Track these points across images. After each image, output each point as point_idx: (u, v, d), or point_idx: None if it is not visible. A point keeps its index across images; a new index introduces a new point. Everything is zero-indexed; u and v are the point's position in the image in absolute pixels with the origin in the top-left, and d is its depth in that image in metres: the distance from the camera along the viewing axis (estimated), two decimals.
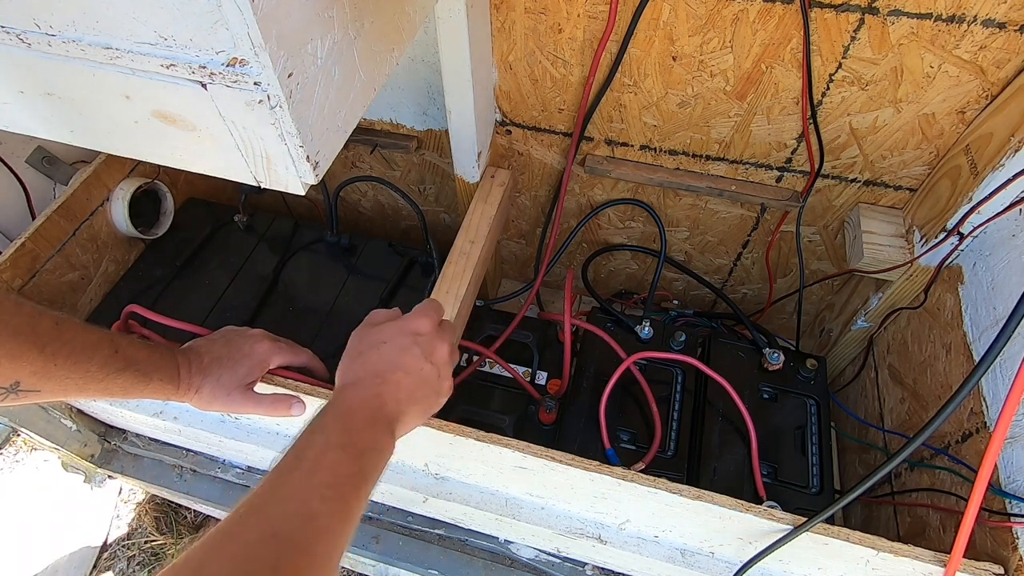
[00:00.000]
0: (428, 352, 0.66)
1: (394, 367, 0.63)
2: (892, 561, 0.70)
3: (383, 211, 1.46)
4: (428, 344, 0.67)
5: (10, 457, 1.89)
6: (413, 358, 0.65)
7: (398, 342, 0.66)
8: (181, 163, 0.57)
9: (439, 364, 0.67)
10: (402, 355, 0.65)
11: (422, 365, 0.65)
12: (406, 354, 0.65)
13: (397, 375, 0.63)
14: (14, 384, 0.60)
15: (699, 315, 1.22)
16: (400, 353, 0.65)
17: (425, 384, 0.65)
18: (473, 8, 0.83)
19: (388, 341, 0.66)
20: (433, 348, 0.67)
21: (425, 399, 0.65)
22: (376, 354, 0.65)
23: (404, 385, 0.63)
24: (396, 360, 0.64)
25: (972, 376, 0.54)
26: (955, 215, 0.87)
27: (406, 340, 0.66)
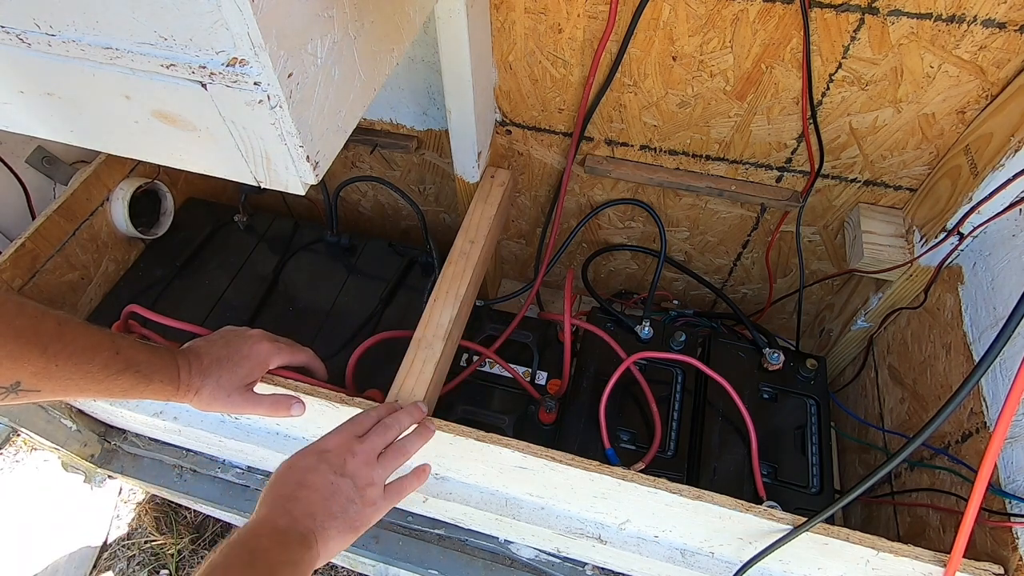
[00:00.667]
0: (338, 467, 0.67)
1: (300, 486, 0.64)
2: (892, 561, 0.70)
3: (383, 211, 1.46)
4: (336, 459, 0.67)
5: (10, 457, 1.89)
6: (319, 475, 0.65)
7: (303, 463, 0.67)
8: (181, 163, 0.57)
9: (352, 476, 0.67)
10: (307, 474, 0.65)
11: (331, 479, 0.66)
12: (311, 473, 0.66)
13: (304, 492, 0.64)
14: (14, 384, 0.60)
15: (699, 315, 1.22)
16: (305, 473, 0.66)
17: (338, 496, 0.65)
18: (473, 8, 0.83)
19: (293, 465, 0.67)
20: (343, 462, 0.67)
21: (344, 513, 0.65)
22: (284, 479, 0.66)
23: (314, 501, 0.64)
24: (301, 479, 0.65)
25: (972, 376, 0.54)
26: (955, 215, 0.87)
27: (311, 460, 0.67)
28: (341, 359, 0.97)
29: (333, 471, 0.66)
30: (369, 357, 0.93)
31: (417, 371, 0.84)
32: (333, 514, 0.64)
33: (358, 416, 0.74)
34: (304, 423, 0.90)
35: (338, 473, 0.66)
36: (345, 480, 0.66)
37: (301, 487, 0.64)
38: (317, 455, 0.67)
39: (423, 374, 0.84)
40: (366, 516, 0.67)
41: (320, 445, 0.69)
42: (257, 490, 1.11)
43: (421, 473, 0.77)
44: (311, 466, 0.66)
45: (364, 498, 0.67)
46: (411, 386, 0.83)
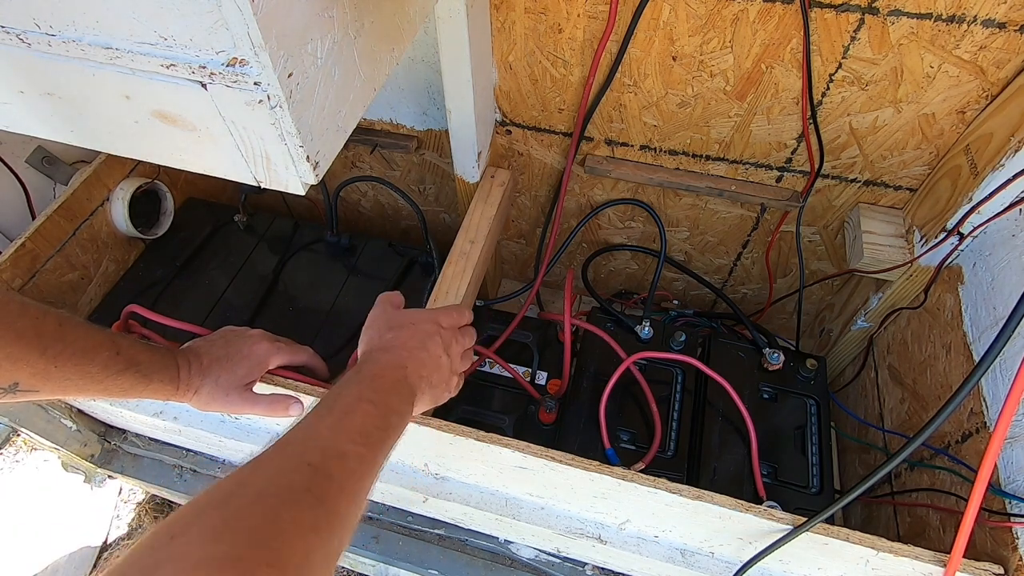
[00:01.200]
0: (448, 344, 0.72)
1: (420, 346, 0.69)
2: (892, 561, 0.70)
3: (383, 211, 1.46)
4: (449, 337, 0.73)
5: (10, 457, 1.89)
6: (435, 345, 0.70)
7: (424, 328, 0.71)
8: (181, 163, 0.57)
9: (454, 359, 0.73)
10: (427, 339, 0.70)
11: (441, 353, 0.71)
12: (430, 339, 0.70)
13: (421, 354, 0.69)
14: (13, 385, 0.60)
15: (699, 315, 1.22)
16: (425, 337, 0.70)
17: (440, 371, 0.70)
18: (473, 8, 0.83)
19: (416, 324, 0.71)
20: (452, 343, 0.73)
21: (438, 386, 0.70)
22: (404, 332, 0.70)
23: (425, 365, 0.68)
24: (421, 341, 0.70)
25: (972, 376, 0.54)
26: (955, 215, 0.87)
27: (431, 327, 0.72)
28: (341, 359, 0.97)
29: (445, 349, 0.71)
30: None
31: None
32: (433, 384, 0.69)
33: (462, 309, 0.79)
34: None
35: (447, 352, 0.72)
36: (448, 361, 0.72)
37: (422, 348, 0.69)
38: (435, 326, 0.72)
39: None
40: (445, 398, 0.73)
41: (437, 317, 0.74)
42: None
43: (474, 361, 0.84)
44: (430, 333, 0.71)
45: (451, 382, 0.73)
46: None
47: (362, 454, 0.53)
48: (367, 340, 0.71)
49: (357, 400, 0.58)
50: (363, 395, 0.59)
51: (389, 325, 0.71)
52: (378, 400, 0.60)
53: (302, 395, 0.81)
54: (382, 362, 0.66)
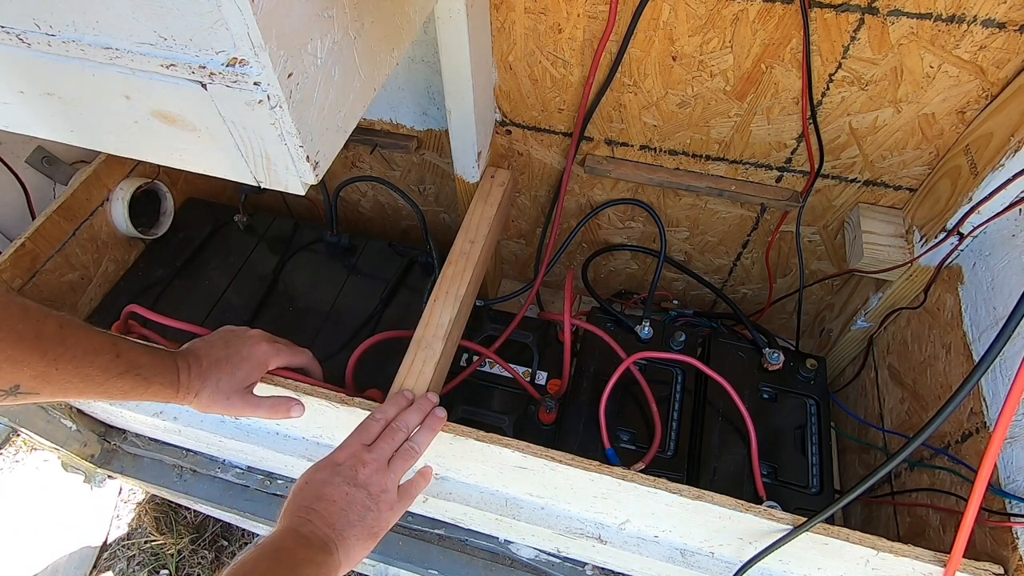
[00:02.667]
0: (351, 478, 0.69)
1: (317, 498, 0.66)
2: (892, 561, 0.70)
3: (383, 211, 1.46)
4: (349, 471, 0.69)
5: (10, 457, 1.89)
6: (334, 487, 0.67)
7: (318, 478, 0.68)
8: (181, 163, 0.57)
9: (366, 485, 0.69)
10: (323, 488, 0.67)
11: (346, 490, 0.67)
12: (326, 486, 0.67)
13: (321, 504, 0.66)
14: (13, 387, 0.60)
15: (699, 315, 1.22)
16: (321, 487, 0.67)
17: (354, 505, 0.67)
18: (473, 8, 0.83)
19: (310, 479, 0.69)
20: (355, 473, 0.69)
21: (361, 521, 0.67)
22: (301, 494, 0.67)
23: (332, 512, 0.66)
24: (318, 492, 0.67)
25: (972, 376, 0.54)
26: (955, 215, 0.87)
27: (325, 474, 0.69)
28: (341, 359, 0.97)
29: (347, 482, 0.68)
30: (369, 357, 0.93)
31: (417, 371, 0.84)
32: (351, 522, 0.66)
33: (365, 423, 0.75)
34: (304, 423, 0.90)
35: (352, 484, 0.68)
36: (359, 490, 0.68)
37: (319, 500, 0.66)
38: (331, 468, 0.69)
39: (423, 374, 0.84)
40: (383, 521, 0.69)
41: (332, 459, 0.71)
42: (257, 490, 1.11)
43: (427, 473, 0.79)
44: (325, 479, 0.68)
45: (379, 504, 0.69)
46: (411, 386, 0.83)
47: None
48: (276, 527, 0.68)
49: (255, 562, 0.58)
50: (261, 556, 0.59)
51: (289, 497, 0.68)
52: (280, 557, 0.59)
53: (303, 396, 0.81)
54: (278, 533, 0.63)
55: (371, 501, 0.68)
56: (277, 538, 0.62)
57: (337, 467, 0.69)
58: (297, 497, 0.67)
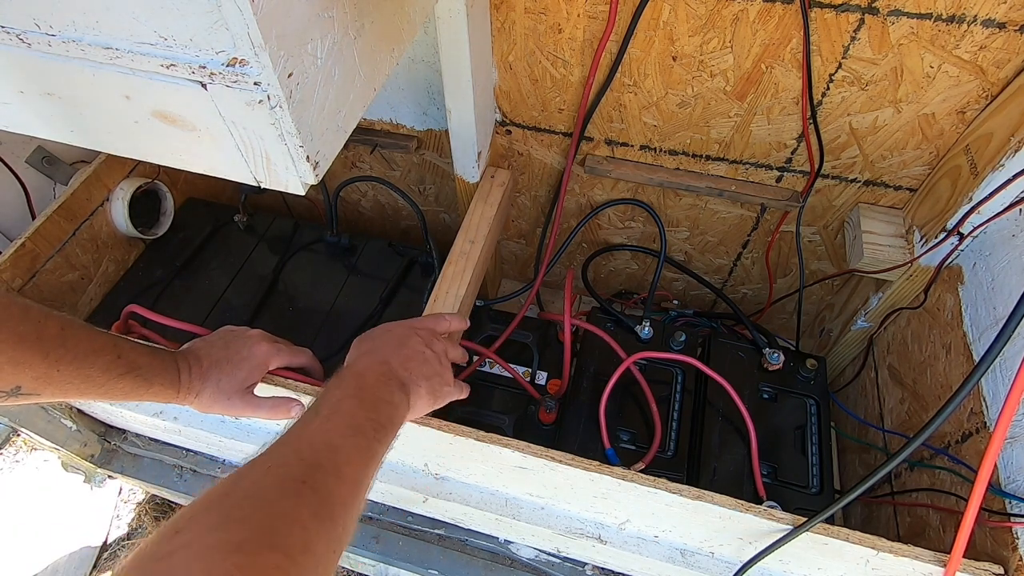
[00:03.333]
0: (428, 341, 0.73)
1: (399, 345, 0.70)
2: (892, 561, 0.70)
3: (383, 211, 1.46)
4: (427, 335, 0.74)
5: (10, 457, 1.89)
6: (414, 342, 0.72)
7: (398, 331, 0.73)
8: (181, 163, 0.57)
9: (439, 352, 0.73)
10: (404, 339, 0.72)
11: (423, 348, 0.72)
12: (407, 338, 0.72)
13: (402, 351, 0.70)
14: (15, 388, 0.60)
15: (699, 315, 1.22)
16: (402, 338, 0.72)
17: (428, 363, 0.71)
18: (473, 8, 0.83)
19: (391, 331, 0.73)
20: (432, 340, 0.74)
21: (431, 378, 0.71)
22: (379, 339, 0.72)
23: (411, 359, 0.70)
24: (399, 340, 0.71)
25: (972, 376, 0.54)
26: (955, 215, 0.87)
27: (405, 330, 0.74)
28: (341, 359, 0.97)
29: (424, 344, 0.72)
30: None
31: None
32: (426, 375, 0.70)
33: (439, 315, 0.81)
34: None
35: (428, 346, 0.73)
36: (433, 354, 0.72)
37: (401, 346, 0.70)
38: (409, 328, 0.74)
39: None
40: (446, 392, 0.73)
41: (410, 322, 0.75)
42: None
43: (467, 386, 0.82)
44: (406, 334, 0.72)
45: (445, 374, 0.73)
46: None
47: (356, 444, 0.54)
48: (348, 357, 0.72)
49: (340, 399, 0.59)
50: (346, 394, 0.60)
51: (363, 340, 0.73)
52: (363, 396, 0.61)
53: (303, 396, 0.81)
54: (362, 363, 0.67)
55: (441, 368, 0.72)
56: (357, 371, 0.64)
57: (415, 329, 0.73)
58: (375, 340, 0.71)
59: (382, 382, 0.64)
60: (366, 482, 0.54)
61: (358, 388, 0.62)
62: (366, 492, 0.54)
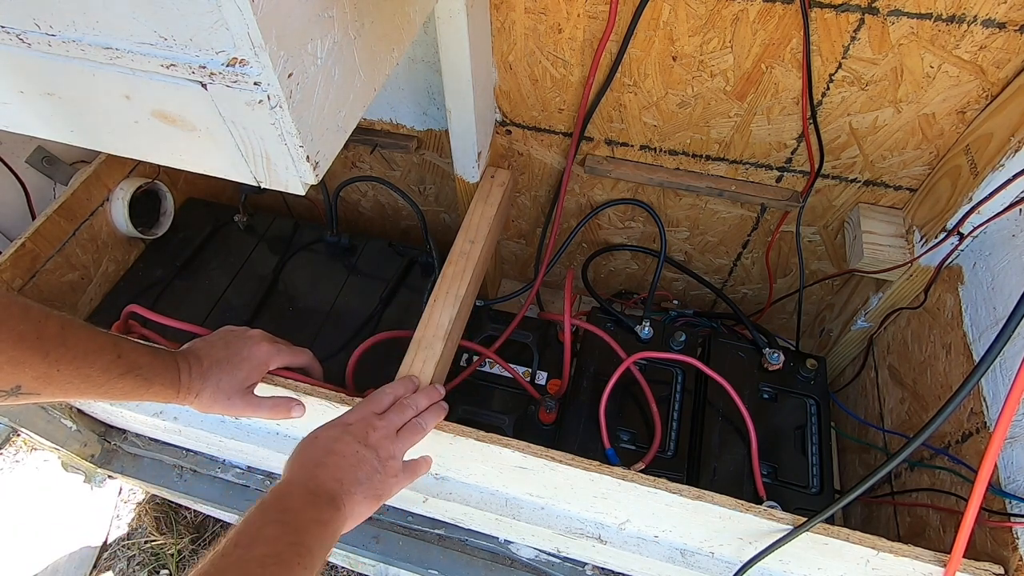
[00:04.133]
0: (361, 438, 0.69)
1: (327, 453, 0.67)
2: (892, 561, 0.70)
3: (383, 211, 1.46)
4: (360, 431, 0.70)
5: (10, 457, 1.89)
6: (344, 444, 0.68)
7: (329, 434, 0.69)
8: (181, 163, 0.57)
9: (375, 447, 0.70)
10: (333, 443, 0.68)
11: (356, 449, 0.68)
12: (337, 442, 0.68)
13: (331, 459, 0.66)
14: (15, 388, 0.60)
15: (699, 315, 1.22)
16: (331, 442, 0.68)
17: (363, 464, 0.68)
18: (473, 8, 0.83)
19: (319, 436, 0.69)
20: (366, 434, 0.70)
21: (369, 480, 0.67)
22: (307, 449, 0.68)
23: (341, 466, 0.66)
24: (328, 447, 0.67)
25: (972, 376, 0.54)
26: (955, 215, 0.87)
27: (335, 432, 0.69)
28: (341, 359, 0.98)
29: (357, 441, 0.69)
30: (369, 357, 0.93)
31: (417, 371, 0.84)
32: (359, 480, 0.66)
33: (377, 393, 0.76)
34: (304, 423, 0.90)
35: (362, 444, 0.69)
36: (369, 451, 0.69)
37: (329, 454, 0.66)
38: (341, 427, 0.70)
39: (423, 374, 0.84)
40: (389, 485, 0.70)
41: (342, 419, 0.72)
42: (258, 490, 1.11)
43: (428, 460, 0.79)
44: (336, 436, 0.69)
45: (386, 468, 0.70)
46: None
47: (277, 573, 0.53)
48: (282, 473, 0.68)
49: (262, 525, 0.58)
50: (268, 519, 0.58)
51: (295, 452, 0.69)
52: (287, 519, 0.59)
53: (303, 396, 0.81)
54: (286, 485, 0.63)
55: (379, 464, 0.69)
56: (282, 495, 0.62)
57: (348, 427, 0.70)
58: (304, 452, 0.67)
59: (308, 501, 0.61)
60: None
61: (282, 511, 0.60)
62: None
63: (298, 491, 0.62)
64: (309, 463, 0.65)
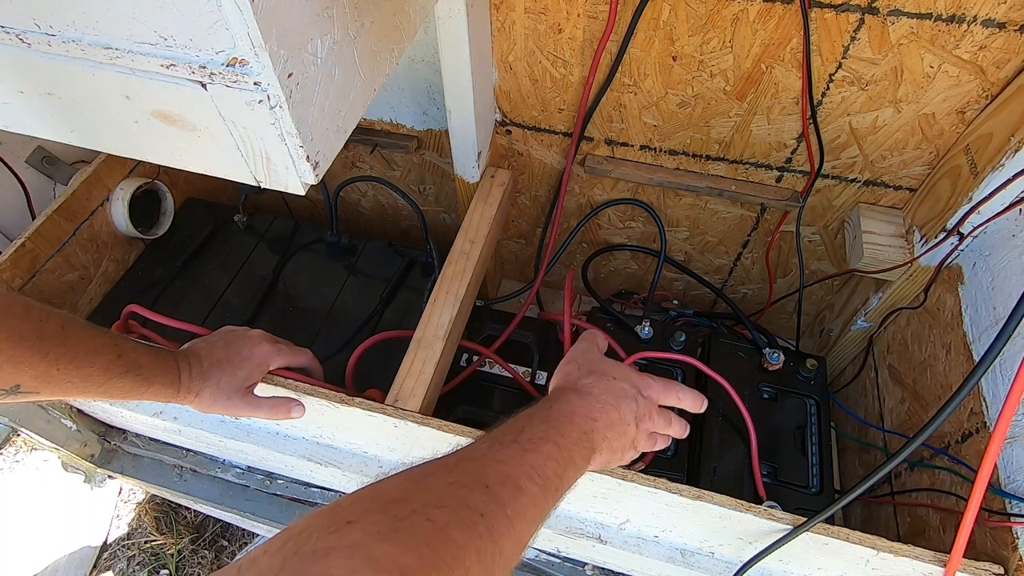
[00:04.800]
0: (642, 415, 0.68)
1: (614, 404, 0.65)
2: (892, 561, 0.70)
3: (383, 211, 1.46)
4: (645, 409, 0.68)
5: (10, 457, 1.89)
6: (629, 410, 0.66)
7: (623, 386, 0.67)
8: (181, 163, 0.57)
9: (641, 431, 0.68)
10: (622, 399, 0.66)
11: (631, 420, 0.66)
12: (625, 401, 0.66)
13: (612, 414, 0.65)
14: (14, 387, 0.60)
15: (699, 315, 1.22)
16: (621, 396, 0.66)
17: (623, 437, 0.66)
18: (473, 8, 0.83)
19: (618, 379, 0.67)
20: (648, 415, 0.68)
21: (616, 450, 0.66)
22: (603, 382, 0.66)
23: (613, 426, 0.65)
24: (618, 401, 0.66)
25: (972, 376, 0.54)
26: (955, 215, 0.87)
27: (631, 389, 0.67)
28: (341, 359, 0.97)
29: (636, 418, 0.67)
30: (369, 357, 0.93)
31: (417, 371, 0.84)
32: (613, 448, 0.65)
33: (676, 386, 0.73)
34: (304, 423, 0.90)
35: (638, 421, 0.67)
36: (635, 431, 0.67)
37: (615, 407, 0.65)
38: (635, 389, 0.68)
39: (423, 374, 0.84)
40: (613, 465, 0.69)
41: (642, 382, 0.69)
42: (257, 490, 1.11)
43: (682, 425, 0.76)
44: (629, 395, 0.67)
45: (626, 455, 0.68)
46: (411, 386, 0.83)
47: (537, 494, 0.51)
48: (564, 374, 0.69)
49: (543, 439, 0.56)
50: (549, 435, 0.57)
51: (591, 368, 0.68)
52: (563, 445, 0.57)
53: (303, 396, 0.81)
54: (574, 407, 0.62)
55: (631, 445, 0.67)
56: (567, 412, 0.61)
57: (639, 398, 0.67)
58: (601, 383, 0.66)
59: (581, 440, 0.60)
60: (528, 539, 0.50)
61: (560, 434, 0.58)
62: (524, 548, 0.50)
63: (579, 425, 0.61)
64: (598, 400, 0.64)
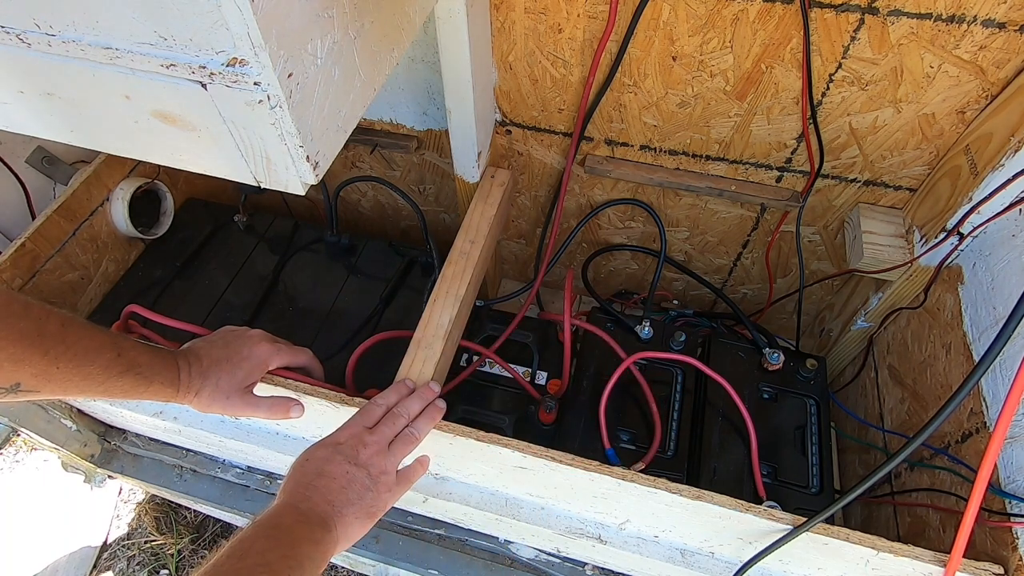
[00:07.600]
0: (352, 457, 0.69)
1: (318, 475, 0.67)
2: (892, 561, 0.70)
3: (383, 211, 1.46)
4: (351, 450, 0.70)
5: (10, 457, 1.89)
6: (335, 465, 0.68)
7: (319, 455, 0.69)
8: (181, 163, 0.57)
9: (366, 465, 0.70)
10: (324, 465, 0.68)
11: (346, 469, 0.68)
12: (328, 463, 0.68)
13: (321, 481, 0.66)
14: (14, 385, 0.60)
15: (699, 315, 1.22)
16: (322, 464, 0.68)
17: (354, 484, 0.68)
18: (473, 8, 0.83)
19: (311, 457, 0.69)
20: (356, 453, 0.70)
21: (360, 500, 0.68)
22: (302, 471, 0.68)
23: (332, 488, 0.66)
24: (319, 469, 0.68)
25: (972, 376, 0.54)
26: (955, 215, 0.87)
27: (326, 452, 0.69)
28: (341, 359, 0.98)
29: (348, 461, 0.69)
30: (369, 357, 0.93)
31: (417, 371, 0.84)
32: (350, 500, 0.67)
33: (367, 407, 0.76)
34: (304, 423, 0.90)
35: (353, 463, 0.69)
36: (360, 469, 0.69)
37: (319, 476, 0.67)
38: (332, 447, 0.70)
39: (423, 374, 0.84)
40: (382, 502, 0.70)
41: (333, 438, 0.72)
42: (257, 490, 1.11)
43: (425, 462, 0.79)
44: (327, 457, 0.69)
45: (378, 485, 0.70)
46: None
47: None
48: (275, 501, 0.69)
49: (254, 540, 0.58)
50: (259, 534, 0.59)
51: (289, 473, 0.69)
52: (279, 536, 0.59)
53: (303, 396, 0.81)
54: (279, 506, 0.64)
55: (370, 481, 0.69)
56: (275, 514, 0.62)
57: (338, 446, 0.70)
58: (296, 473, 0.68)
59: (300, 522, 0.62)
60: None
61: (274, 528, 0.60)
62: None
63: (290, 512, 0.63)
64: (301, 485, 0.66)
